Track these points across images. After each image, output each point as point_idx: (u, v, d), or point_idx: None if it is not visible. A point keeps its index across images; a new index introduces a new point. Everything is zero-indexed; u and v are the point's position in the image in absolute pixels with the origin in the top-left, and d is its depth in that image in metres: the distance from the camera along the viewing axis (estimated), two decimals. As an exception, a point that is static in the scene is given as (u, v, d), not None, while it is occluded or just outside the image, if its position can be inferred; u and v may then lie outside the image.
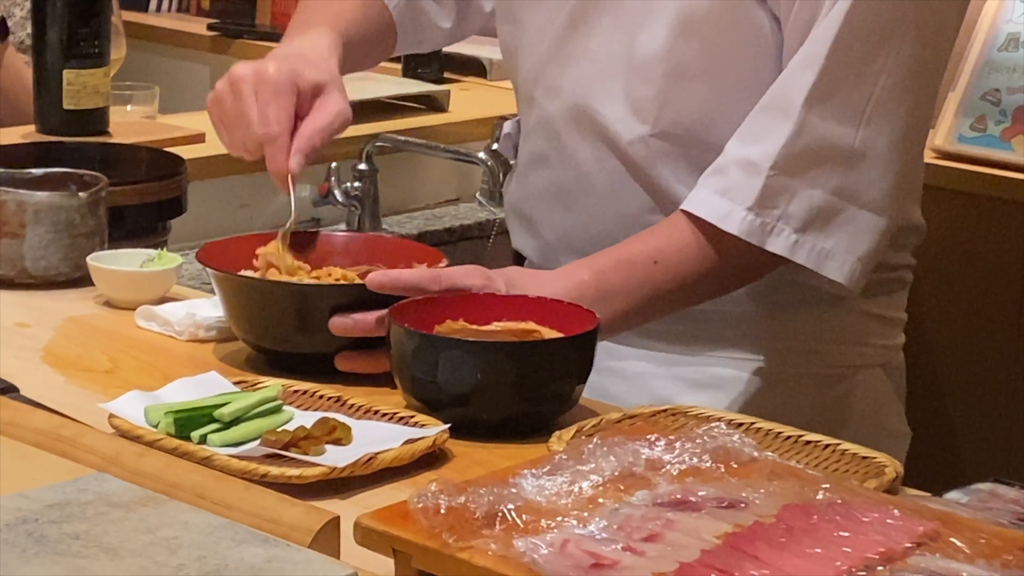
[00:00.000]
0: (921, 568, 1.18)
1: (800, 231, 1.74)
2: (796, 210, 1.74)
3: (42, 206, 1.93)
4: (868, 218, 1.76)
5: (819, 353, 1.91)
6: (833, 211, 1.75)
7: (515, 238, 2.02)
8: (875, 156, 1.75)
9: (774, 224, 1.74)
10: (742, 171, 1.74)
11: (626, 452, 1.35)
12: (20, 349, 1.76)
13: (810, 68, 1.73)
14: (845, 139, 1.74)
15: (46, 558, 1.17)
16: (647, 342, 1.90)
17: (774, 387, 1.89)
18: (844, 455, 1.51)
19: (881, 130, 1.75)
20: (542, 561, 1.19)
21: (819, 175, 1.74)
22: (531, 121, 1.95)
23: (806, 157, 1.74)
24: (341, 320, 1.66)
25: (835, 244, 1.75)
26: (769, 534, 1.22)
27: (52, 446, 1.43)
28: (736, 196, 1.74)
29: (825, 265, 1.76)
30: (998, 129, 3.00)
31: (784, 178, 1.73)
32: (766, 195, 1.74)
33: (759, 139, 1.74)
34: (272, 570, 1.17)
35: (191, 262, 2.27)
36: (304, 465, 1.45)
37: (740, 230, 1.74)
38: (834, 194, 1.74)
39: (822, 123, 1.73)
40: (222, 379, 1.60)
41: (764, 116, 1.75)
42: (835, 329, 1.91)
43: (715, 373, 1.90)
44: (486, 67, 3.43)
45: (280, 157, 1.76)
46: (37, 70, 2.73)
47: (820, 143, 1.73)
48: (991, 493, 1.43)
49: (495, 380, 1.56)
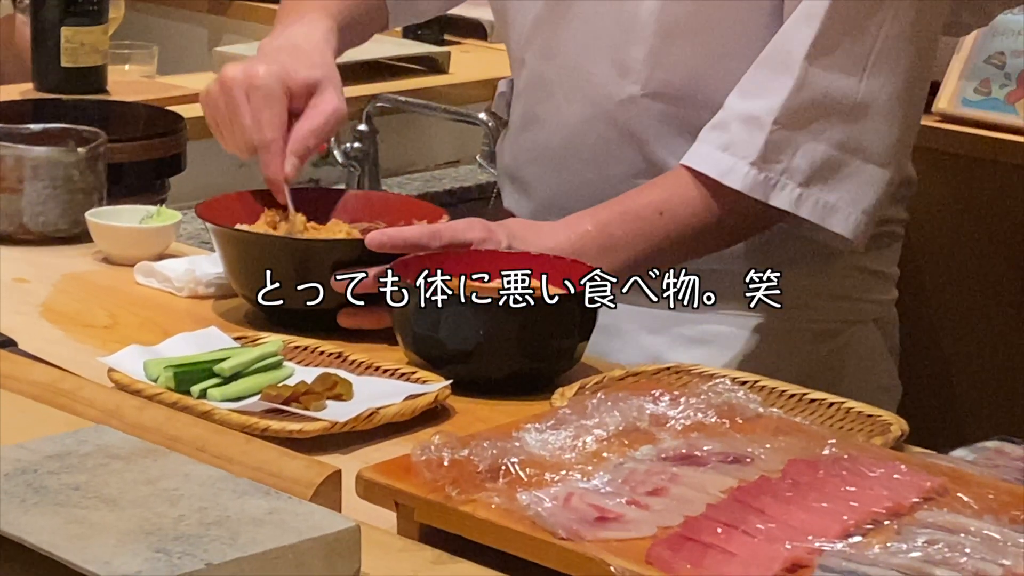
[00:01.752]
0: (928, 523, 1.18)
1: (804, 185, 1.74)
2: (799, 164, 1.74)
3: (40, 161, 1.93)
4: (872, 171, 1.75)
5: (812, 308, 1.91)
6: (837, 164, 1.74)
7: (507, 199, 2.03)
8: (878, 108, 1.75)
9: (777, 179, 1.74)
10: (744, 126, 1.74)
11: (630, 407, 1.35)
12: (19, 304, 1.76)
13: (811, 22, 1.72)
14: (848, 92, 1.73)
15: (46, 508, 1.16)
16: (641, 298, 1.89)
17: (768, 343, 1.89)
18: (849, 413, 1.51)
19: (884, 82, 1.74)
20: (546, 515, 1.19)
21: (822, 129, 1.74)
22: (522, 82, 1.95)
23: (809, 111, 1.73)
24: (343, 276, 1.65)
25: (839, 198, 1.75)
26: (775, 489, 1.22)
27: (51, 399, 1.43)
28: (739, 151, 1.74)
29: (829, 219, 1.75)
30: (1003, 93, 3.00)
31: (787, 132, 1.73)
32: (769, 150, 1.73)
33: (761, 93, 1.74)
34: (274, 522, 1.16)
35: (190, 220, 2.26)
36: (305, 420, 1.45)
37: (743, 185, 1.73)
38: (838, 147, 1.74)
39: (824, 76, 1.73)
40: (222, 334, 1.60)
41: (765, 70, 1.74)
42: (828, 284, 1.91)
43: (709, 330, 1.90)
44: (487, 29, 3.42)
45: (275, 163, 1.75)
46: (35, 27, 2.73)
47: (822, 96, 1.73)
48: (997, 451, 1.43)
49: (498, 336, 1.56)
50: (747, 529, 1.16)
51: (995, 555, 1.13)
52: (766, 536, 1.15)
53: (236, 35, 3.65)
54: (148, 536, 1.13)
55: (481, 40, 3.43)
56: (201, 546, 1.12)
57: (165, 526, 1.14)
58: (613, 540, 1.16)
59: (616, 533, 1.17)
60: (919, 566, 1.11)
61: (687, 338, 1.90)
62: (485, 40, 3.42)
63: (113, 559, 1.10)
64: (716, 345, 1.89)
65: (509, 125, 2.01)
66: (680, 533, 1.17)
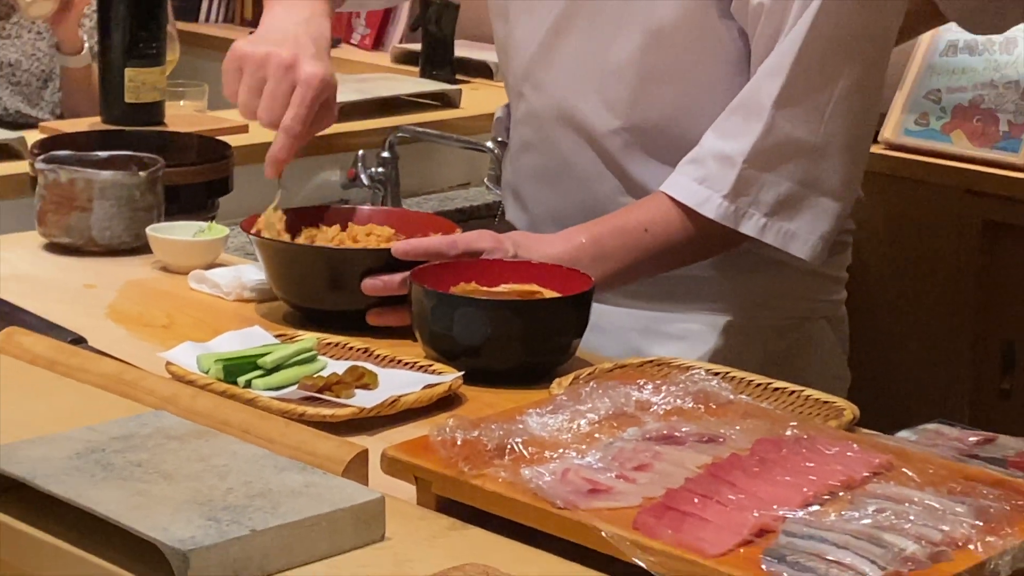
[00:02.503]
0: (878, 494, 1.18)
1: (768, 216, 1.75)
2: (765, 198, 1.74)
3: (107, 184, 1.92)
4: (828, 203, 1.76)
5: (772, 307, 1.91)
6: (798, 198, 1.75)
7: (509, 211, 2.02)
8: (835, 150, 1.75)
9: (746, 210, 1.74)
10: (718, 163, 1.74)
11: (619, 395, 1.35)
12: (88, 307, 1.75)
13: (777, 76, 1.72)
14: (809, 137, 1.74)
15: (112, 482, 1.16)
16: (625, 301, 1.89)
17: (734, 337, 1.88)
18: (807, 400, 1.50)
19: (839, 128, 1.75)
20: (546, 487, 1.18)
21: (786, 168, 1.74)
22: (520, 112, 1.94)
23: (775, 153, 1.74)
24: (372, 281, 1.65)
25: (799, 226, 1.76)
26: (744, 465, 1.22)
27: (116, 388, 1.42)
28: (713, 185, 1.74)
29: (790, 244, 1.76)
30: (939, 124, 2.99)
31: (755, 171, 1.73)
32: (739, 185, 1.73)
33: (734, 135, 1.74)
34: (310, 494, 1.16)
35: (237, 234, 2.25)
36: (336, 406, 1.44)
37: (716, 215, 1.74)
38: (799, 184, 1.75)
39: (788, 124, 1.73)
40: (264, 332, 1.59)
41: (738, 115, 1.74)
42: (786, 286, 1.91)
43: (682, 327, 1.89)
44: (492, 70, 3.42)
45: (289, 150, 1.74)
46: (103, 69, 2.73)
47: (786, 141, 1.73)
48: (936, 432, 1.42)
49: (503, 334, 1.55)
50: (720, 499, 1.16)
51: (935, 522, 1.13)
52: (737, 505, 1.15)
53: (275, 75, 3.64)
54: (200, 506, 1.13)
55: (488, 79, 3.42)
56: (247, 515, 1.12)
57: (215, 497, 1.14)
58: (604, 509, 1.16)
59: (607, 503, 1.17)
60: (870, 531, 1.11)
61: (665, 334, 1.89)
62: (491, 79, 3.41)
63: (170, 526, 1.09)
64: (690, 340, 1.88)
65: (509, 147, 2.01)
66: (662, 503, 1.16)
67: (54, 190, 1.92)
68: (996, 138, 2.93)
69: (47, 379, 1.45)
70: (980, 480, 1.21)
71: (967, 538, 1.11)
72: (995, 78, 2.96)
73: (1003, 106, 2.94)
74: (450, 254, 1.66)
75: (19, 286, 1.79)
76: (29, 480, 1.16)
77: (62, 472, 1.16)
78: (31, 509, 1.17)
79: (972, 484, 1.19)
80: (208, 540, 1.08)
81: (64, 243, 1.93)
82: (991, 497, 1.17)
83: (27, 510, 1.17)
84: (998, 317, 2.88)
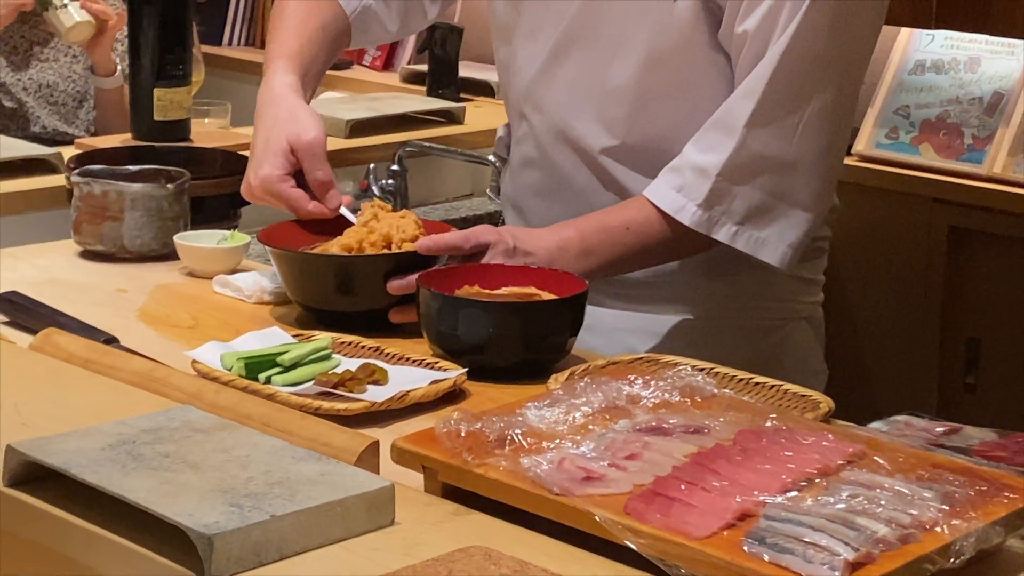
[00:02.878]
0: (851, 480, 1.18)
1: (740, 224, 1.74)
2: (737, 207, 1.74)
3: (137, 195, 1.92)
4: (798, 214, 1.76)
5: (755, 308, 1.91)
6: (768, 208, 1.75)
7: (509, 224, 2.01)
8: (804, 166, 1.75)
9: (719, 218, 1.74)
10: (695, 174, 1.74)
11: (611, 389, 1.35)
12: (120, 309, 1.75)
13: (751, 97, 1.72)
14: (779, 153, 1.73)
15: (142, 472, 1.16)
16: (618, 303, 1.89)
17: (720, 335, 1.88)
18: (786, 393, 1.50)
19: (809, 146, 1.74)
20: (543, 475, 1.18)
21: (757, 181, 1.74)
22: (520, 131, 1.94)
23: (746, 167, 1.74)
24: (398, 282, 1.65)
25: (769, 234, 1.75)
26: (727, 454, 1.22)
27: (146, 385, 1.43)
28: (689, 194, 1.74)
29: (760, 251, 1.76)
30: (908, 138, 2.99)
31: (728, 183, 1.74)
32: (713, 195, 1.73)
33: (710, 150, 1.74)
34: (325, 482, 1.16)
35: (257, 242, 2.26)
36: (350, 401, 1.44)
37: (691, 222, 1.74)
38: (769, 195, 1.74)
39: (759, 142, 1.73)
40: (283, 332, 1.59)
41: (715, 131, 1.75)
42: (768, 289, 1.90)
43: (671, 326, 1.89)
44: (494, 89, 3.41)
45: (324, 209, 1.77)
46: (133, 89, 2.72)
47: (758, 157, 1.73)
48: (906, 423, 1.42)
49: (504, 333, 1.55)
50: (705, 486, 1.16)
51: (905, 506, 1.13)
52: (720, 492, 1.15)
53: (293, 94, 3.64)
54: (224, 494, 1.13)
55: (489, 97, 3.42)
56: (266, 501, 1.12)
57: (237, 486, 1.14)
58: (597, 495, 1.16)
59: (600, 490, 1.17)
60: (844, 515, 1.11)
61: (654, 332, 1.89)
62: (492, 97, 3.41)
63: (196, 512, 1.09)
64: (680, 340, 1.88)
65: (510, 163, 2.00)
66: (651, 489, 1.16)
67: (88, 201, 1.92)
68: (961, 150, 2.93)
69: (82, 376, 1.45)
70: (946, 468, 1.21)
71: (934, 521, 1.11)
72: (960, 95, 2.96)
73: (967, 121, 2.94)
74: (465, 247, 1.67)
75: (56, 290, 1.79)
76: (65, 470, 1.16)
77: (96, 463, 1.17)
78: (68, 497, 1.17)
79: (939, 471, 1.19)
80: (231, 525, 1.08)
81: (98, 250, 1.93)
82: (957, 483, 1.17)
83: (64, 498, 1.18)
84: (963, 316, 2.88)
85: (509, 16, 1.90)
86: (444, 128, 3.13)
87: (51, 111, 3.17)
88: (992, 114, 2.92)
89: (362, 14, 1.98)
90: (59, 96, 3.17)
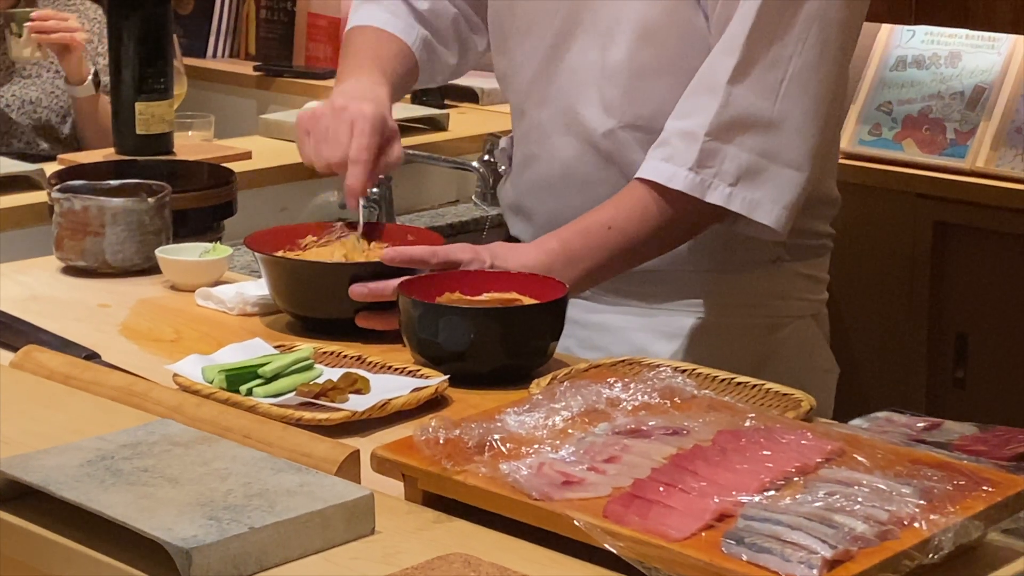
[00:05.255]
0: (829, 478, 1.18)
1: (732, 185, 1.72)
2: (728, 168, 1.72)
3: (118, 210, 1.92)
4: (789, 174, 1.74)
5: (762, 306, 1.90)
6: (759, 168, 1.73)
7: (513, 229, 2.00)
8: (791, 124, 1.73)
9: (711, 180, 1.72)
10: (681, 140, 1.73)
11: (590, 392, 1.34)
12: (102, 324, 1.75)
13: (731, 54, 1.71)
14: (764, 111, 1.72)
15: (121, 487, 1.16)
16: (627, 301, 1.88)
17: (728, 333, 1.87)
18: (768, 393, 1.49)
19: (795, 103, 1.73)
20: (523, 480, 1.18)
21: (745, 139, 1.72)
22: (522, 129, 1.94)
23: (733, 125, 1.72)
24: (358, 288, 1.65)
25: (763, 195, 1.73)
26: (706, 455, 1.21)
27: (127, 399, 1.42)
28: (678, 160, 1.72)
29: (756, 212, 1.73)
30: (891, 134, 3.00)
31: (716, 143, 1.72)
32: (703, 157, 1.72)
33: (692, 113, 1.73)
34: (304, 492, 1.16)
35: (241, 254, 2.27)
36: (331, 410, 1.44)
37: (684, 186, 1.72)
38: (759, 155, 1.73)
39: (744, 98, 1.72)
40: (264, 344, 1.59)
41: (695, 95, 1.74)
42: (774, 286, 1.89)
43: (681, 324, 1.87)
44: (478, 94, 3.42)
45: (361, 178, 1.75)
46: (115, 103, 2.73)
47: (743, 114, 1.72)
48: (887, 419, 1.42)
49: (485, 339, 1.55)
50: (684, 487, 1.16)
51: (882, 502, 1.12)
52: (699, 493, 1.15)
53: (279, 105, 3.65)
54: (202, 507, 1.13)
55: (474, 103, 3.42)
56: (245, 513, 1.12)
57: (216, 498, 1.14)
58: (576, 499, 1.16)
59: (579, 494, 1.17)
60: (822, 513, 1.11)
61: (661, 331, 1.88)
62: (477, 103, 3.41)
63: (174, 526, 1.09)
64: (688, 337, 1.87)
65: (511, 168, 2.00)
66: (630, 492, 1.16)
67: (69, 217, 1.92)
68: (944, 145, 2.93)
69: (63, 393, 1.45)
70: (925, 463, 1.21)
71: (912, 517, 1.11)
72: (941, 90, 2.97)
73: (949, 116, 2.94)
74: (431, 262, 1.66)
75: (39, 306, 1.79)
76: (44, 487, 1.16)
77: (74, 479, 1.17)
78: (47, 514, 1.17)
79: (917, 467, 1.19)
80: (209, 538, 1.08)
81: (80, 266, 1.93)
82: (935, 478, 1.17)
83: (43, 515, 1.18)
84: (951, 311, 2.89)
85: (505, 20, 1.90)
86: (428, 135, 3.13)
87: (35, 127, 3.17)
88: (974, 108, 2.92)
89: (424, 47, 2.00)
90: (42, 112, 3.18)
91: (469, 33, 2.05)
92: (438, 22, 2.01)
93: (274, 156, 2.84)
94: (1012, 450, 1.33)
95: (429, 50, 2.01)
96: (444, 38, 2.03)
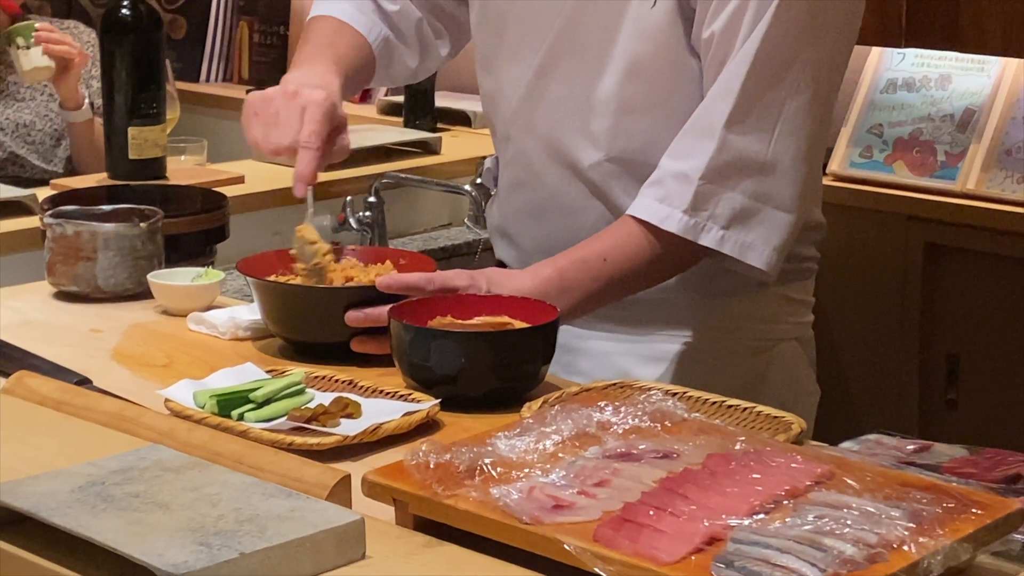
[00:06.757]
0: (819, 501, 1.18)
1: (725, 228, 1.73)
2: (722, 211, 1.73)
3: (110, 235, 1.92)
4: (780, 216, 1.75)
5: (746, 330, 1.90)
6: (752, 211, 1.74)
7: (498, 251, 2.01)
8: (783, 166, 1.74)
9: (704, 223, 1.73)
10: (676, 182, 1.74)
11: (581, 416, 1.35)
12: (94, 349, 1.75)
13: (727, 97, 1.72)
14: (759, 155, 1.73)
15: (111, 513, 1.16)
16: (610, 326, 1.89)
17: (712, 357, 1.88)
18: (759, 416, 1.50)
19: (788, 145, 1.74)
20: (513, 504, 1.18)
21: (739, 183, 1.73)
22: (508, 155, 1.94)
23: (728, 169, 1.73)
24: (354, 314, 1.66)
25: (755, 237, 1.74)
26: (696, 478, 1.22)
27: (118, 425, 1.43)
28: (673, 202, 1.73)
29: (747, 255, 1.75)
30: (882, 156, 3.01)
31: (711, 186, 1.73)
32: (697, 201, 1.73)
33: (688, 156, 1.74)
34: (295, 517, 1.16)
35: (233, 278, 2.26)
36: (323, 435, 1.44)
37: (677, 229, 1.73)
38: (752, 198, 1.74)
39: (739, 141, 1.73)
40: (256, 368, 1.59)
41: (691, 137, 1.74)
42: (758, 310, 1.90)
43: (664, 349, 1.88)
44: (471, 118, 3.43)
45: (311, 165, 1.75)
46: (107, 128, 2.73)
47: (738, 157, 1.73)
48: (876, 442, 1.43)
49: (476, 363, 1.55)
50: (674, 511, 1.16)
51: (872, 525, 1.13)
52: (689, 516, 1.15)
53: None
54: (193, 532, 1.13)
55: (466, 127, 3.43)
56: (236, 539, 1.12)
57: (207, 524, 1.14)
58: (567, 523, 1.16)
59: (569, 517, 1.17)
60: (811, 536, 1.11)
61: (645, 356, 1.88)
62: (469, 127, 3.42)
63: (165, 552, 1.09)
64: (672, 361, 1.88)
65: (498, 191, 2.01)
66: (620, 516, 1.16)
67: (61, 242, 1.92)
68: (934, 168, 2.94)
69: (54, 419, 1.45)
70: (914, 485, 1.21)
71: (901, 540, 1.12)
72: (932, 112, 2.98)
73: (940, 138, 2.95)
74: (428, 289, 1.66)
75: (31, 332, 1.80)
76: (34, 513, 1.16)
77: (65, 505, 1.17)
78: (38, 539, 1.17)
79: (906, 489, 1.20)
80: (200, 564, 1.08)
81: (72, 291, 1.93)
82: (924, 501, 1.17)
83: (34, 540, 1.17)
84: (942, 332, 2.89)
85: (492, 42, 1.91)
86: (421, 159, 3.13)
87: (29, 150, 3.17)
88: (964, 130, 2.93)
89: (384, 45, 2.00)
90: (36, 135, 3.18)
91: (432, 38, 2.05)
92: (402, 23, 2.01)
93: (267, 180, 2.84)
94: (1002, 472, 1.34)
95: (389, 49, 2.01)
96: (406, 39, 2.02)
